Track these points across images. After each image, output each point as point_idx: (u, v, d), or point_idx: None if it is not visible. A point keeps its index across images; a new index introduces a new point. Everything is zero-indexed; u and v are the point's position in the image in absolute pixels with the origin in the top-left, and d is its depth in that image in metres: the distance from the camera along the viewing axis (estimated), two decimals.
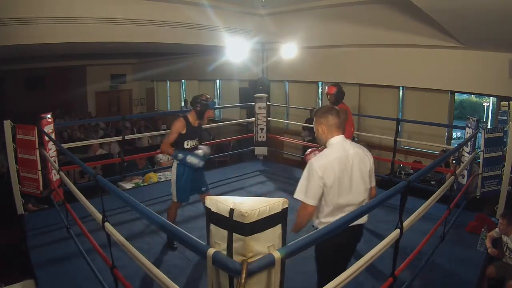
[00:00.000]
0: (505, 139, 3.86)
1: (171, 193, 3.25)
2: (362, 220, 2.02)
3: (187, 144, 3.15)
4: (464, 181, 3.91)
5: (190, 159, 3.07)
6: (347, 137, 3.40)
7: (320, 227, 1.75)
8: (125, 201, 1.82)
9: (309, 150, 3.03)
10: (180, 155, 3.06)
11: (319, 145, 2.09)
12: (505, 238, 3.07)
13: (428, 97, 6.39)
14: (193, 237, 1.35)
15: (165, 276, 1.57)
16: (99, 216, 2.07)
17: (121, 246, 1.87)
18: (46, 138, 3.74)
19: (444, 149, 5.64)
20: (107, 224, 2.00)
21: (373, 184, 2.14)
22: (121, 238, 1.87)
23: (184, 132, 3.09)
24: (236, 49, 6.85)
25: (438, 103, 6.30)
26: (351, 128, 3.61)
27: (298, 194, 1.95)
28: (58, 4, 5.03)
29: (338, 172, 1.93)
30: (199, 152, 3.18)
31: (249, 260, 1.17)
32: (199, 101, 3.09)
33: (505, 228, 3.04)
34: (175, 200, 3.23)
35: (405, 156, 6.61)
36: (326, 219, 1.98)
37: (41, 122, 3.79)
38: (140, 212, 1.70)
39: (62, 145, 3.73)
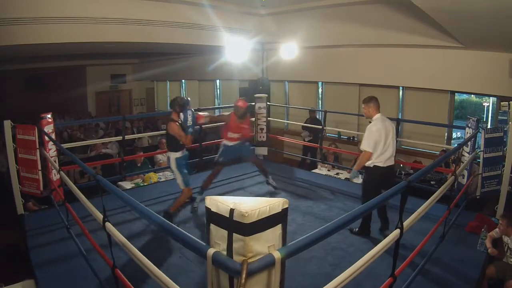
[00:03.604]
0: (505, 139, 3.86)
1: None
2: (391, 162, 3.39)
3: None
4: (464, 181, 3.91)
5: None
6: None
7: (372, 166, 3.31)
8: (125, 201, 1.81)
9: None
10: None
11: (366, 118, 3.47)
12: (505, 239, 3.07)
13: (428, 97, 6.39)
14: (193, 237, 1.35)
15: (166, 276, 1.57)
16: (100, 216, 2.06)
17: (122, 246, 1.86)
18: (46, 138, 3.74)
19: (444, 149, 5.64)
20: (108, 224, 1.99)
21: None
22: (122, 238, 1.87)
23: None
24: (236, 49, 6.83)
25: (438, 103, 6.30)
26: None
27: (363, 146, 3.30)
28: (58, 4, 5.02)
29: (384, 133, 3.26)
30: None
31: (249, 260, 1.17)
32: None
33: (505, 228, 3.04)
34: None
35: (405, 156, 6.61)
36: (375, 161, 3.30)
37: (41, 122, 3.79)
38: (140, 212, 1.70)
39: (62, 145, 3.72)
